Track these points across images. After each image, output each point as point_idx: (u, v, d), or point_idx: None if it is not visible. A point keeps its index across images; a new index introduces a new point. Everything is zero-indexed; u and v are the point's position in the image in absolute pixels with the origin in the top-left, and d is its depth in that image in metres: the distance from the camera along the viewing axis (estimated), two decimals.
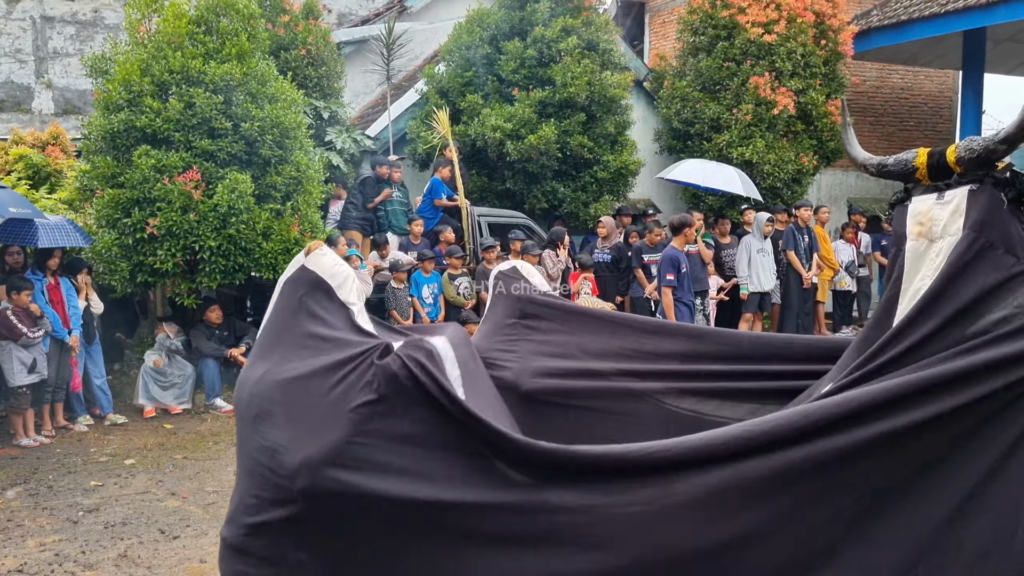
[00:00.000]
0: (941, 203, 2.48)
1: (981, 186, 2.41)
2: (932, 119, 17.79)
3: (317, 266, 2.73)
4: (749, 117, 12.25)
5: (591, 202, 11.67)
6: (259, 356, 2.67)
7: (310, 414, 2.41)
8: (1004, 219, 2.37)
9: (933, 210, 2.50)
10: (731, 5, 12.63)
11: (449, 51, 12.08)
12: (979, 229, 2.37)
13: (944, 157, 2.52)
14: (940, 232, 2.47)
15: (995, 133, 2.43)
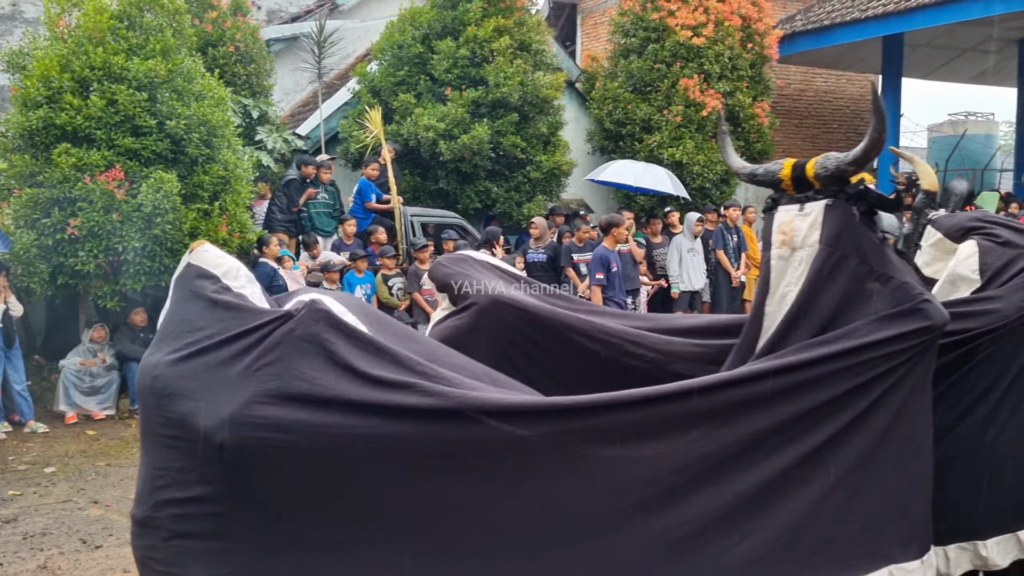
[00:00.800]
0: (802, 215, 2.64)
1: (836, 201, 2.59)
2: (854, 121, 18.33)
3: (201, 260, 2.81)
4: (679, 118, 12.45)
5: (524, 202, 11.72)
6: (157, 346, 2.67)
7: (219, 382, 2.42)
8: (857, 232, 2.56)
9: (795, 221, 2.65)
10: (661, 8, 12.83)
11: (381, 50, 11.99)
12: (834, 243, 2.56)
13: (804, 171, 2.67)
14: (800, 242, 2.62)
15: (846, 155, 2.60)
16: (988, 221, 3.27)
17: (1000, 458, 2.89)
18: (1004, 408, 2.89)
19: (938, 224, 3.48)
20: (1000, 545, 2.86)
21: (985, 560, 2.86)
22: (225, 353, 2.48)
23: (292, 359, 2.39)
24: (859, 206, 2.58)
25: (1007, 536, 2.88)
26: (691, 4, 12.76)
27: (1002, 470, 2.88)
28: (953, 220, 3.41)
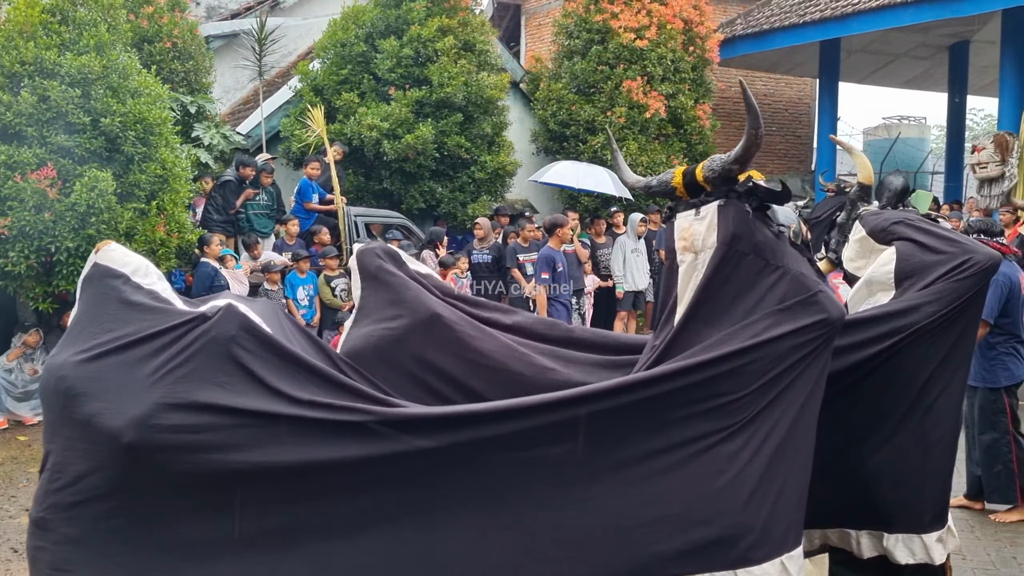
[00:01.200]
0: (698, 219, 2.68)
1: (727, 201, 2.64)
2: (793, 124, 18.72)
3: (108, 259, 2.76)
4: (622, 120, 12.56)
5: (469, 202, 11.70)
6: (63, 346, 2.61)
7: (128, 383, 2.39)
8: (751, 228, 2.60)
9: (693, 225, 2.69)
10: (604, 10, 12.92)
11: (324, 48, 11.87)
12: (729, 241, 2.60)
13: (695, 175, 2.72)
14: (700, 245, 2.66)
15: (729, 154, 2.67)
16: (912, 225, 3.28)
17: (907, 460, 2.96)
18: (917, 410, 2.94)
19: (864, 221, 3.51)
20: (903, 543, 2.94)
21: (886, 551, 2.96)
22: (136, 354, 2.45)
23: (205, 363, 2.38)
24: (750, 203, 2.61)
25: (913, 536, 2.95)
26: (634, 7, 12.88)
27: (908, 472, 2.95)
28: (878, 219, 3.42)
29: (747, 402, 2.46)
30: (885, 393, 2.93)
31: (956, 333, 2.96)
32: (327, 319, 9.37)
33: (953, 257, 2.98)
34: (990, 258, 2.96)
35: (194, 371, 2.37)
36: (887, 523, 2.96)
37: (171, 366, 2.38)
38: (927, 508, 2.97)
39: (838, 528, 3.04)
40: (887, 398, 2.94)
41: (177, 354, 2.40)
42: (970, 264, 2.93)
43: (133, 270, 2.74)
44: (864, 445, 2.95)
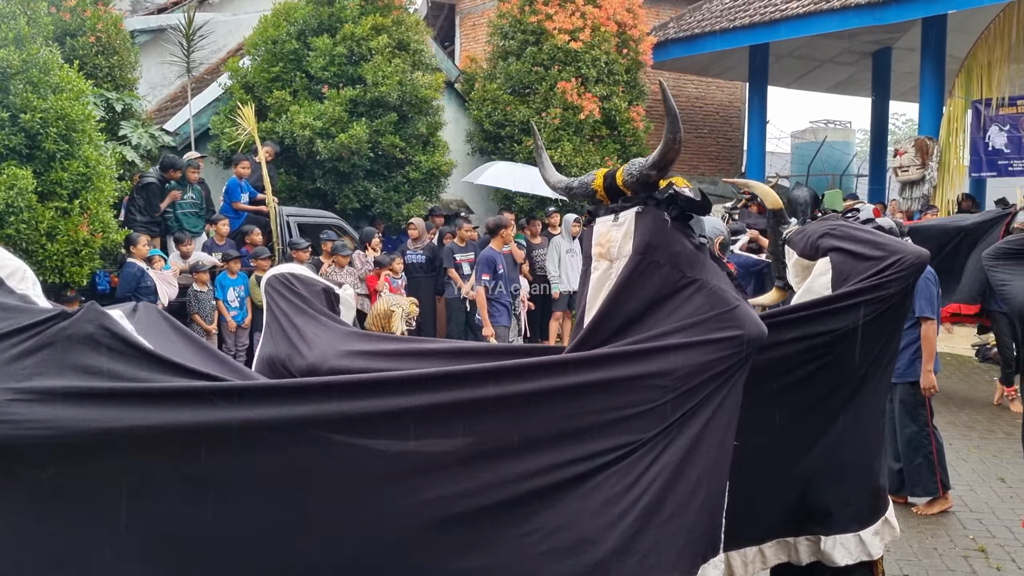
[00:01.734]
0: (616, 225, 2.57)
1: (645, 208, 2.52)
2: (723, 127, 19.05)
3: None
4: (557, 121, 12.62)
5: (404, 202, 11.61)
6: None
7: None
8: (669, 238, 2.48)
9: (611, 231, 2.58)
10: (539, 11, 12.97)
11: (254, 45, 11.65)
12: (644, 251, 2.48)
13: (615, 179, 2.62)
14: (617, 253, 2.55)
15: (647, 159, 2.54)
16: (837, 235, 3.23)
17: (845, 457, 2.97)
18: (851, 407, 2.97)
19: (792, 244, 3.45)
20: (840, 543, 2.95)
21: (823, 554, 2.95)
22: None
23: (60, 356, 2.31)
24: (670, 211, 2.50)
25: (848, 535, 2.96)
26: (568, 9, 12.95)
27: (847, 469, 2.98)
28: (804, 239, 3.36)
29: (650, 418, 2.34)
30: (820, 393, 2.93)
31: (887, 332, 3.01)
32: (258, 320, 9.19)
33: (884, 259, 2.99)
34: (919, 256, 2.99)
35: (47, 366, 2.28)
36: (825, 524, 2.94)
37: (26, 361, 2.29)
38: (864, 503, 3.00)
39: (775, 540, 2.98)
40: (822, 398, 2.93)
41: (33, 349, 2.31)
42: (901, 263, 2.96)
43: (8, 273, 2.66)
44: (800, 447, 2.93)
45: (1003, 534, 5.06)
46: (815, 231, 3.25)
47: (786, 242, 3.50)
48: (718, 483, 2.45)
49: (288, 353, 3.17)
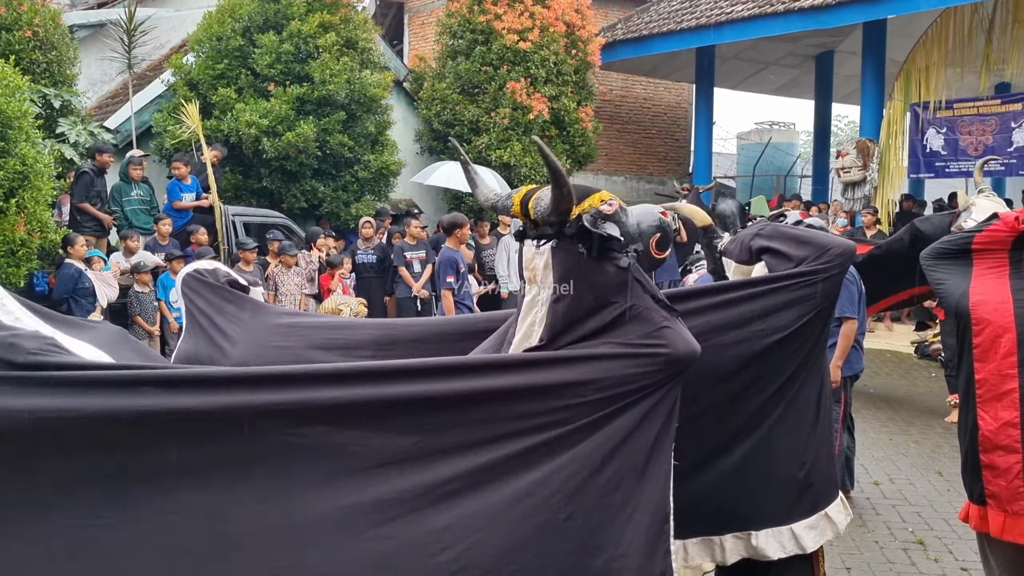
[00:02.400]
0: (539, 253, 2.54)
1: (560, 242, 2.48)
2: (671, 128, 19.25)
3: None
4: (507, 121, 12.62)
5: (352, 202, 11.52)
6: None
7: None
8: (587, 269, 2.44)
9: (535, 258, 2.55)
10: (488, 11, 12.96)
11: (199, 41, 11.45)
12: (564, 282, 2.47)
13: (527, 207, 2.54)
14: (541, 281, 2.54)
15: (546, 207, 2.46)
16: (765, 235, 3.24)
17: (776, 452, 2.97)
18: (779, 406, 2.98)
19: (729, 253, 3.47)
20: (772, 537, 2.97)
21: (756, 550, 2.96)
22: None
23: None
24: (585, 244, 2.44)
25: (781, 528, 2.97)
26: (517, 9, 12.97)
27: (776, 464, 2.99)
28: (737, 246, 3.37)
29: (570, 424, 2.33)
30: (754, 389, 2.94)
31: (819, 326, 3.05)
32: None
33: (812, 254, 2.99)
34: (847, 247, 3.02)
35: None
36: (757, 521, 2.95)
37: None
38: (796, 497, 3.02)
39: (700, 537, 2.96)
40: (756, 394, 2.94)
41: None
42: (830, 256, 3.00)
43: None
44: (732, 444, 2.94)
45: (940, 526, 5.19)
46: (746, 235, 3.27)
47: (723, 254, 3.54)
48: (651, 496, 2.41)
49: (209, 353, 3.12)
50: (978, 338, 3.06)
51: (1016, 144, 12.30)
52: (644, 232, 2.63)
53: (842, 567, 4.61)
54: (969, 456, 3.14)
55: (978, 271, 3.13)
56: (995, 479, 3.02)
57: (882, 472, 6.26)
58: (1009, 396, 2.98)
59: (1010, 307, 3.00)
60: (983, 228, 3.15)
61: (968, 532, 5.03)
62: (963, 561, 4.67)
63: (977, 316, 3.07)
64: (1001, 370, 3.00)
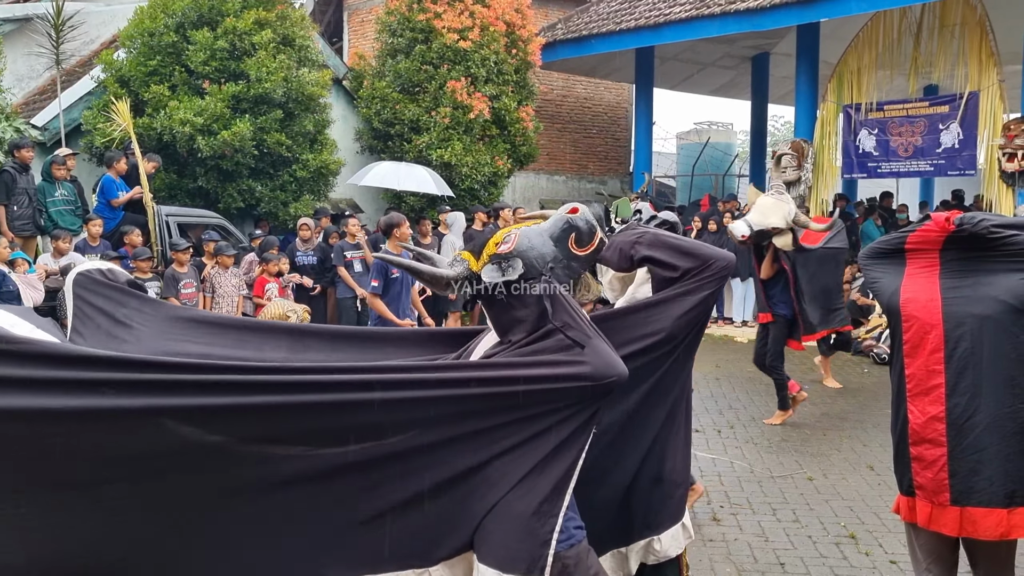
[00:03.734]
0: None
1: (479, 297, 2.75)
2: (611, 128, 19.39)
3: None
4: (447, 120, 12.58)
5: (291, 202, 11.36)
6: None
7: None
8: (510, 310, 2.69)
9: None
10: (427, 9, 12.89)
11: (130, 37, 11.17)
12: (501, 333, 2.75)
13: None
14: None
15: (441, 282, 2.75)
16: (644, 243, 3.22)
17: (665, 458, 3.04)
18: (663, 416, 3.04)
19: (603, 260, 3.49)
20: (671, 537, 3.04)
21: (659, 553, 3.01)
22: None
23: None
24: (496, 290, 2.67)
25: (675, 527, 3.05)
26: (457, 8, 12.93)
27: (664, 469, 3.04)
28: (614, 249, 3.32)
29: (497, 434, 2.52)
30: (647, 404, 2.98)
31: (699, 337, 3.11)
32: None
33: (696, 266, 3.00)
34: (728, 259, 3.05)
35: None
36: (656, 525, 3.01)
37: None
38: (680, 496, 3.11)
39: (610, 552, 3.01)
40: (651, 408, 2.99)
41: None
42: (715, 269, 3.00)
43: None
44: (633, 459, 2.99)
45: (872, 520, 5.31)
46: (624, 242, 3.23)
47: (599, 260, 3.58)
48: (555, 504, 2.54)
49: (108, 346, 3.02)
50: (907, 334, 3.16)
51: (944, 145, 12.65)
52: (557, 241, 2.72)
53: (776, 562, 4.68)
54: (900, 448, 3.22)
55: (910, 270, 3.22)
56: (923, 471, 3.11)
57: (816, 467, 6.39)
58: (935, 391, 3.07)
59: (938, 305, 3.09)
60: (916, 228, 3.23)
61: (898, 525, 5.16)
62: (892, 554, 4.79)
63: (906, 313, 3.16)
64: (928, 366, 3.10)
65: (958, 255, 3.11)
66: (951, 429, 3.04)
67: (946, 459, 3.04)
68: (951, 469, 3.02)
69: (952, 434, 3.04)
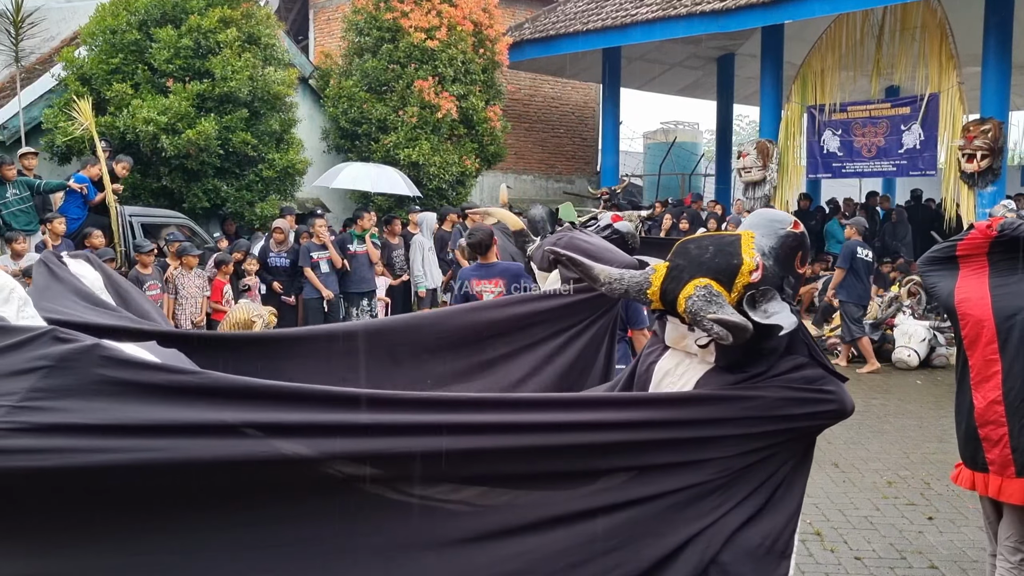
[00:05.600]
0: (694, 336, 2.50)
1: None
2: (579, 127, 19.45)
3: None
4: (415, 120, 12.54)
5: (257, 201, 11.26)
6: None
7: None
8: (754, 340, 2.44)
9: (687, 338, 2.50)
10: (394, 8, 12.84)
11: (91, 34, 10.99)
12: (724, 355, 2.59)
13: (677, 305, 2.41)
14: (691, 349, 2.53)
15: (721, 333, 2.31)
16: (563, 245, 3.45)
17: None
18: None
19: (534, 259, 3.71)
20: None
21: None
22: None
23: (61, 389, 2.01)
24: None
25: None
26: (424, 7, 12.90)
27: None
28: (540, 254, 3.65)
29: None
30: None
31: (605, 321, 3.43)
32: None
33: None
34: (624, 264, 3.26)
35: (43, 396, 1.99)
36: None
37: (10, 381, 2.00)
38: None
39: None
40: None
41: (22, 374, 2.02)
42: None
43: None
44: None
45: (836, 517, 5.39)
46: (548, 243, 3.52)
47: (530, 259, 3.71)
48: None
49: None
50: (965, 330, 3.56)
51: (906, 146, 12.86)
52: (783, 260, 2.48)
53: None
54: (969, 431, 3.57)
55: (963, 273, 3.64)
56: (991, 449, 3.48)
57: None
58: (994, 378, 3.47)
59: (988, 302, 3.50)
60: (964, 237, 3.65)
61: (862, 522, 5.26)
62: (857, 551, 4.86)
63: (962, 312, 3.56)
64: (985, 356, 3.49)
65: (1003, 256, 3.51)
66: (1009, 410, 3.42)
67: (1007, 437, 3.42)
68: (1012, 445, 3.41)
69: (1010, 414, 3.42)
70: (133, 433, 2.01)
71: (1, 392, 2.00)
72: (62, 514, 2.07)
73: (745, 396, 2.38)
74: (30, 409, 1.97)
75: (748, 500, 2.39)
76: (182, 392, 2.05)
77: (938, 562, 4.68)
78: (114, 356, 2.07)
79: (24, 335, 2.09)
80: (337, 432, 2.06)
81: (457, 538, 2.17)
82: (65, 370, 2.02)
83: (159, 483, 2.05)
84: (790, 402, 2.38)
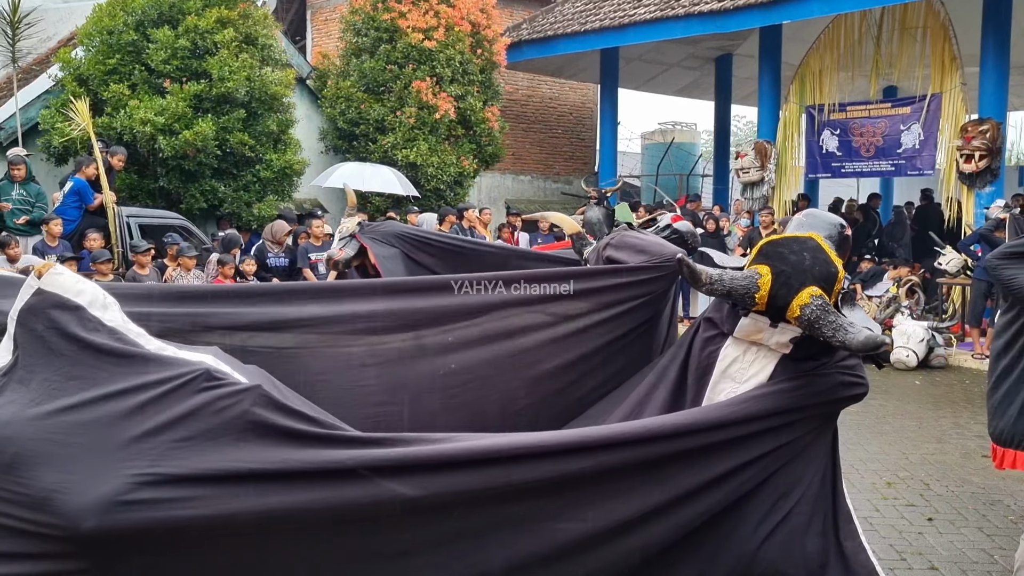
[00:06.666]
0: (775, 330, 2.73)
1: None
2: (577, 127, 19.43)
3: (55, 286, 2.24)
4: (413, 120, 12.52)
5: (254, 202, 11.24)
6: (5, 397, 2.13)
7: (100, 448, 1.99)
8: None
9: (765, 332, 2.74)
10: (392, 9, 12.83)
11: (88, 35, 10.97)
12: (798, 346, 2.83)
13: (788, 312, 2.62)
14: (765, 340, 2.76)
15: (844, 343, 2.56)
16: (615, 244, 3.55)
17: None
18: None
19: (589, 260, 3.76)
20: None
21: None
22: (111, 410, 2.03)
23: (212, 436, 2.04)
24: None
25: None
26: (422, 7, 12.88)
27: None
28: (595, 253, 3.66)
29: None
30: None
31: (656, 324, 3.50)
32: None
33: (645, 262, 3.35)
34: (673, 254, 3.29)
35: (194, 444, 2.00)
36: None
37: (163, 433, 2.00)
38: None
39: None
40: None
41: (174, 421, 2.02)
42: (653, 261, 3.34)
43: (89, 301, 2.25)
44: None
45: None
46: (602, 244, 3.55)
47: (586, 262, 3.73)
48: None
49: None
50: None
51: (905, 146, 12.86)
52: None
53: None
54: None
55: None
56: None
57: None
58: None
59: None
60: None
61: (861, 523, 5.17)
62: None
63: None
64: None
65: None
66: None
67: None
68: None
69: None
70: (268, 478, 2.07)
71: (149, 439, 2.01)
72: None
73: (818, 381, 2.72)
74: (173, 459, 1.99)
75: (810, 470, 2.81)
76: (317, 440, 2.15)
77: (938, 563, 4.66)
78: (273, 399, 2.16)
79: (180, 374, 2.13)
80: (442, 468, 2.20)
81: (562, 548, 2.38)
82: (215, 414, 2.07)
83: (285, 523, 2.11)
84: (845, 386, 2.75)
